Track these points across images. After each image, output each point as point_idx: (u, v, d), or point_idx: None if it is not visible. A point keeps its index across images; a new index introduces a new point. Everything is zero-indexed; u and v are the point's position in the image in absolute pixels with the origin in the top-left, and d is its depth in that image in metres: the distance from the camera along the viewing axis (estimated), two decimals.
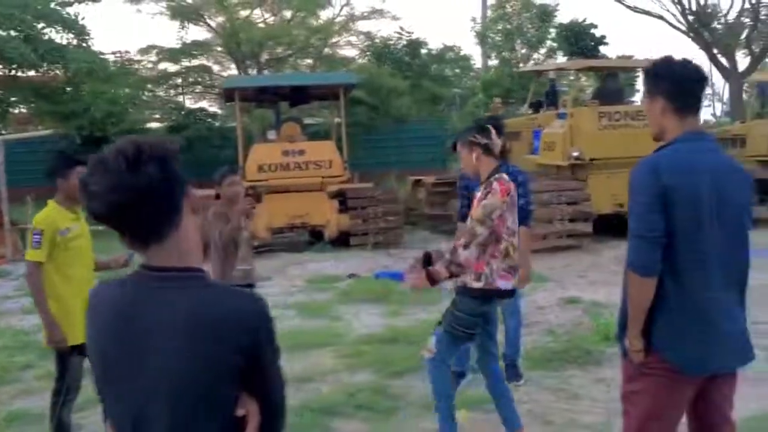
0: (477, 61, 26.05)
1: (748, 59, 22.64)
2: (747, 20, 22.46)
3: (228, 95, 13.48)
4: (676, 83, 2.60)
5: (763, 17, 22.69)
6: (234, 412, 1.42)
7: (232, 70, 22.01)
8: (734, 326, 2.62)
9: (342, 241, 11.98)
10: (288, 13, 22.37)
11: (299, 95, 13.45)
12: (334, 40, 22.49)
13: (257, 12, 22.22)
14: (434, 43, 29.89)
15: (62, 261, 3.89)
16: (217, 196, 5.31)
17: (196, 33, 21.74)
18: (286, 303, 7.92)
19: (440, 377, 3.99)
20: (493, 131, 3.92)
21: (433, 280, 3.81)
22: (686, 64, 2.63)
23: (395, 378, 5.20)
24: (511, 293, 4.02)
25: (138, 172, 1.40)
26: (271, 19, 22.36)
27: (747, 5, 21.69)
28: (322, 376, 5.33)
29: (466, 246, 3.75)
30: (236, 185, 5.12)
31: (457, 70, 25.67)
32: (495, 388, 4.11)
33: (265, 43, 21.07)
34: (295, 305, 7.74)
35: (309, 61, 22.51)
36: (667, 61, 2.66)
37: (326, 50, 22.65)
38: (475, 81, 24.24)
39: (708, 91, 32.78)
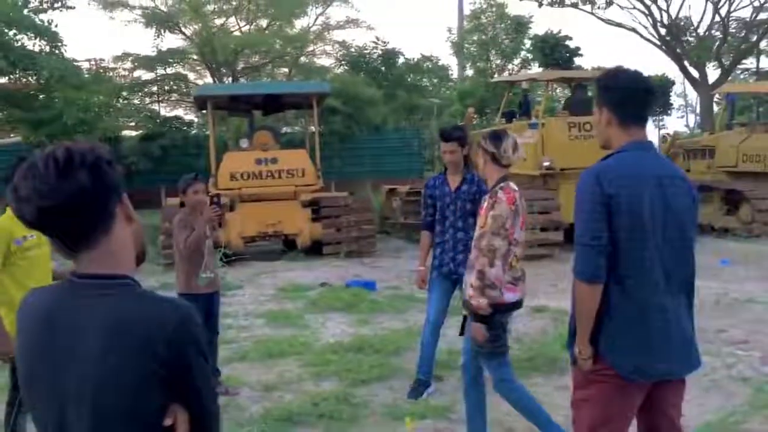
0: (455, 71, 26.26)
1: (718, 71, 23.04)
2: (717, 33, 22.86)
3: (200, 103, 13.43)
4: (621, 95, 2.64)
5: (732, 30, 23.12)
6: (160, 422, 1.40)
7: (208, 79, 21.94)
8: (680, 333, 2.66)
9: (315, 249, 11.97)
10: (264, 22, 22.36)
11: (273, 104, 13.44)
12: (309, 49, 22.52)
13: (232, 20, 22.22)
14: (412, 53, 30.09)
15: (19, 270, 3.80)
16: (182, 204, 5.30)
17: (172, 41, 21.65)
18: (255, 312, 7.89)
19: (519, 396, 4.01)
20: (508, 140, 3.83)
21: (482, 317, 3.71)
22: (633, 76, 2.67)
23: (360, 386, 5.19)
24: (519, 305, 3.96)
25: (69, 177, 1.39)
26: (246, 28, 22.33)
27: (717, 19, 22.07)
28: (287, 384, 5.31)
29: (491, 264, 3.63)
30: (200, 193, 5.11)
31: (435, 80, 25.84)
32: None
33: (241, 51, 21.04)
34: (265, 314, 7.71)
35: (285, 69, 22.50)
36: (614, 72, 2.71)
37: (302, 59, 22.67)
38: (452, 91, 24.42)
39: (681, 102, 33.36)
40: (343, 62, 22.92)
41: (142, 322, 1.39)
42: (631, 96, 2.64)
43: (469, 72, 24.88)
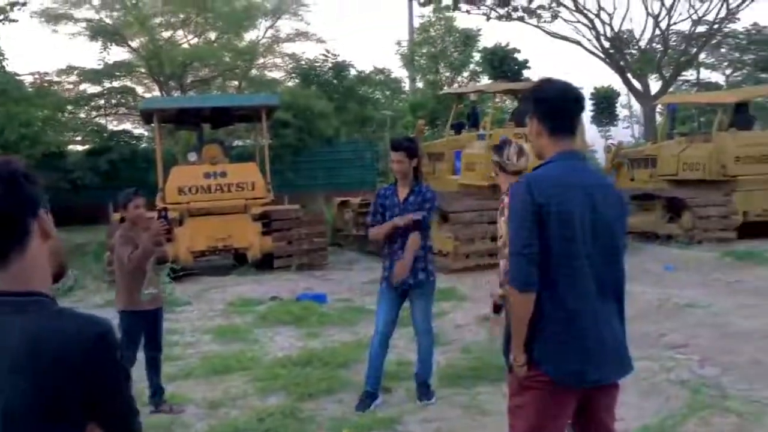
0: (407, 84, 26.47)
1: (659, 83, 23.73)
2: (658, 46, 23.57)
3: (146, 117, 13.24)
4: (549, 106, 2.71)
5: (672, 43, 23.87)
6: None
7: (156, 92, 21.65)
8: (612, 338, 2.71)
9: (266, 263, 11.87)
10: (212, 35, 22.20)
11: (222, 117, 13.33)
12: (259, 61, 22.42)
13: (180, 33, 21.99)
14: (364, 66, 30.22)
15: None
16: (122, 220, 5.21)
17: (119, 54, 21.26)
18: (203, 327, 7.78)
19: None
20: (510, 148, 4.01)
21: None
22: (560, 87, 2.74)
23: (307, 401, 5.16)
24: None
25: None
26: (194, 41, 22.13)
27: (658, 32, 22.76)
28: (233, 401, 5.25)
29: None
30: (141, 208, 5.04)
31: (388, 92, 26.00)
32: None
33: (189, 64, 20.83)
34: (212, 330, 7.61)
35: (235, 82, 22.35)
36: (543, 84, 2.78)
37: (253, 72, 22.55)
38: (404, 103, 24.61)
39: (626, 113, 34.24)
40: (293, 75, 22.89)
41: (57, 340, 1.35)
42: (559, 107, 2.71)
43: (420, 84, 25.11)
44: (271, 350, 6.66)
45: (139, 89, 22.31)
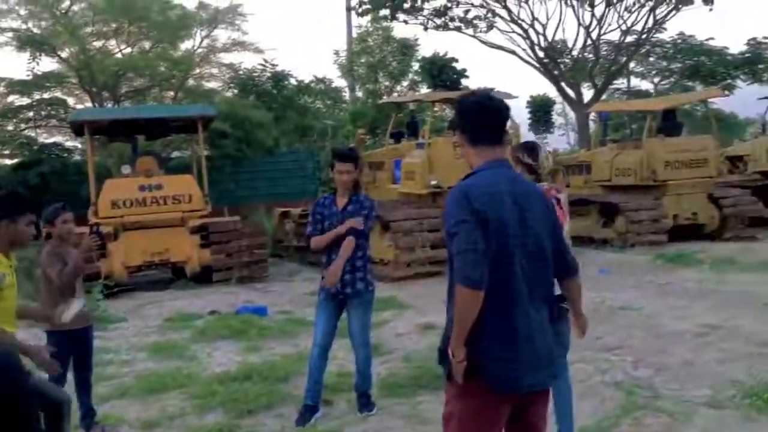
0: (348, 93, 26.47)
1: (592, 91, 24.38)
2: (590, 56, 24.23)
3: (77, 129, 12.86)
4: (471, 118, 2.77)
5: (603, 53, 24.57)
6: None
7: (89, 103, 21.05)
8: (545, 344, 2.75)
9: (205, 276, 11.65)
10: (147, 44, 21.73)
11: (156, 128, 13.07)
12: (196, 71, 22.05)
13: (113, 42, 21.44)
14: (304, 76, 30.10)
15: None
16: (48, 236, 5.02)
17: (48, 64, 20.59)
18: (138, 345, 7.56)
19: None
20: (542, 152, 4.26)
21: None
22: (481, 99, 2.80)
23: (246, 417, 5.06)
24: (563, 297, 4.21)
25: None
26: (128, 50, 21.63)
27: (589, 42, 23.39)
28: (170, 420, 5.10)
29: None
30: (69, 223, 4.87)
31: (329, 102, 25.94)
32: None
33: (123, 74, 20.33)
34: (148, 347, 7.40)
35: (172, 93, 21.92)
36: (467, 97, 2.84)
37: (190, 82, 22.18)
38: (345, 112, 24.61)
39: (562, 121, 35.11)
40: (231, 85, 22.61)
41: None
42: (480, 118, 2.77)
43: (360, 94, 25.16)
44: (209, 366, 6.52)
45: (71, 100, 21.63)
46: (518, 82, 69.23)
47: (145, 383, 5.94)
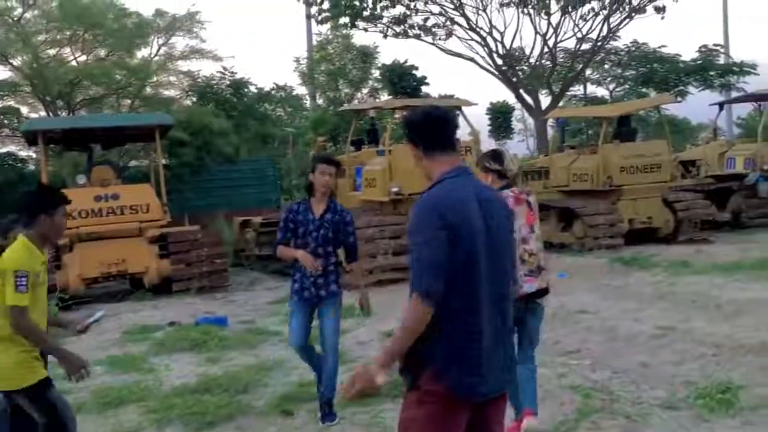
0: (308, 101, 26.40)
1: (549, 98, 24.76)
2: (547, 63, 24.61)
3: (30, 138, 12.58)
4: (423, 128, 2.82)
5: (560, 60, 24.98)
6: None
7: (43, 112, 20.60)
8: (504, 350, 2.78)
9: (164, 287, 11.48)
10: (102, 52, 21.36)
11: (112, 137, 12.86)
12: (154, 80, 21.74)
13: (67, 50, 21.03)
14: (264, 83, 29.90)
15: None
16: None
17: (1, 73, 20.13)
18: (94, 358, 7.38)
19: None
20: (507, 156, 4.53)
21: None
22: (429, 110, 2.85)
23: (205, 429, 5.01)
24: (540, 293, 4.47)
25: None
26: (83, 58, 21.23)
27: (546, 49, 23.77)
28: None
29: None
30: None
31: (290, 109, 25.84)
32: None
33: (78, 82, 19.95)
34: (106, 360, 7.25)
35: (129, 101, 21.58)
36: (413, 111, 2.89)
37: (148, 90, 21.86)
38: (306, 120, 24.54)
39: (521, 127, 35.56)
40: (190, 93, 22.37)
41: None
42: (430, 127, 2.81)
43: (321, 101, 25.13)
44: (167, 379, 6.42)
45: (24, 109, 21.16)
46: (478, 90, 70.00)
47: (102, 398, 5.83)
